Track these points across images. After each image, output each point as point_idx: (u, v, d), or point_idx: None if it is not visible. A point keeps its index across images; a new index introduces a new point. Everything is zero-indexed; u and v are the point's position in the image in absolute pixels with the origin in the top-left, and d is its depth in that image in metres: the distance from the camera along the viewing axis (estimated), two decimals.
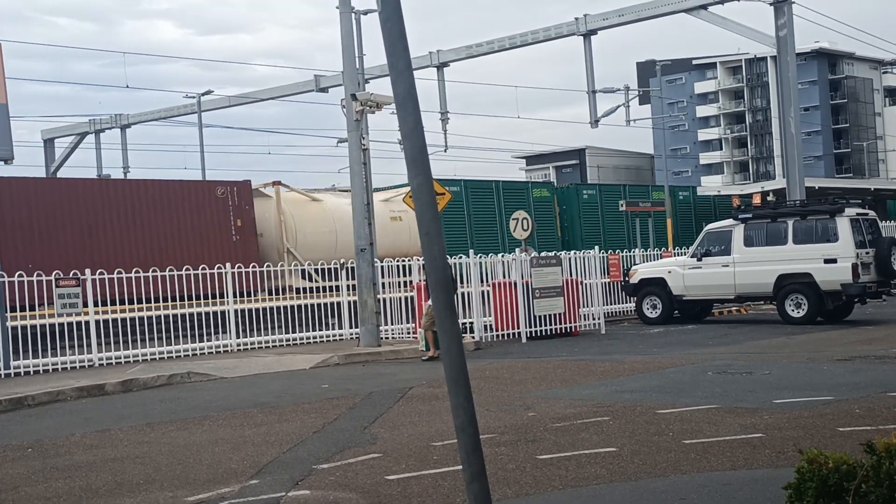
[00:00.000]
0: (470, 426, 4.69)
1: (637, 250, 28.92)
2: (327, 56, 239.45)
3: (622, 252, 27.53)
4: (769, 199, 37.61)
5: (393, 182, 34.08)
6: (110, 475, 8.87)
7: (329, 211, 31.77)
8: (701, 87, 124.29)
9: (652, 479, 7.68)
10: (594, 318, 23.91)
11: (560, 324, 22.43)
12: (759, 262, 22.93)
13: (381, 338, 20.66)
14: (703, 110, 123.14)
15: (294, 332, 21.82)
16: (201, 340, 20.55)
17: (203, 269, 20.64)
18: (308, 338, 21.84)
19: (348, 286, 22.51)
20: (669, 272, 24.53)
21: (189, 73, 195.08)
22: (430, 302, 18.29)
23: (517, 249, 23.62)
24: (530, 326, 21.87)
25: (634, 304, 25.61)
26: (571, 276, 23.28)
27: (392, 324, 22.29)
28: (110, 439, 11.00)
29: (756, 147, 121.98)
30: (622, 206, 41.69)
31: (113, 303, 19.39)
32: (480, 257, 22.37)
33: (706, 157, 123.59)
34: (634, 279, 25.21)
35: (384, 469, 8.45)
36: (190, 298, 20.64)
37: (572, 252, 24.06)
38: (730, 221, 24.04)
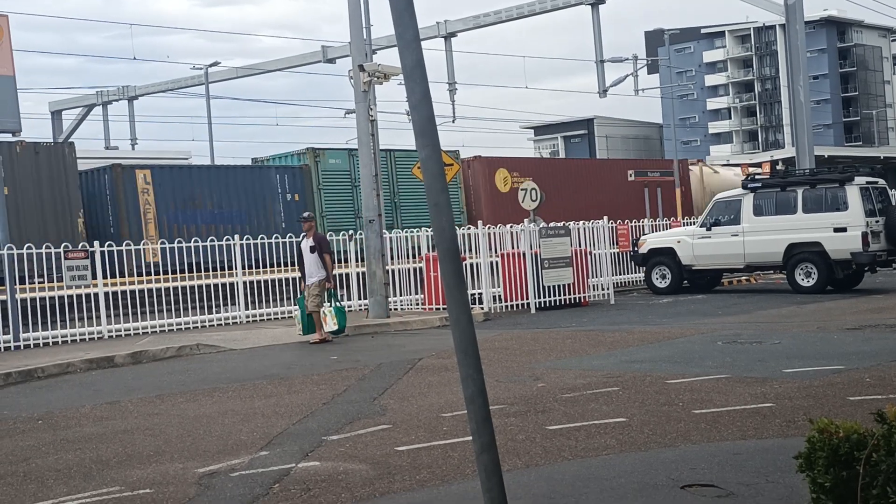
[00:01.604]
0: (479, 397, 4.68)
1: (646, 220, 28.86)
2: (334, 27, 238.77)
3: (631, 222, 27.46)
4: (778, 167, 37.46)
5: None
6: (120, 447, 8.90)
7: (723, 179, 43.64)
8: (709, 55, 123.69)
9: (662, 448, 7.68)
10: (603, 289, 23.88)
11: (569, 294, 22.42)
12: (769, 231, 22.87)
13: (391, 309, 20.68)
14: (711, 79, 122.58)
15: None
16: (210, 312, 20.59)
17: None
18: None
19: (356, 257, 22.51)
20: (679, 242, 24.48)
21: (195, 45, 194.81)
22: (313, 279, 17.26)
23: (525, 220, 23.57)
24: (539, 297, 21.86)
25: (643, 275, 25.59)
26: (580, 246, 23.24)
27: (401, 295, 22.30)
28: (120, 411, 11.04)
29: (765, 116, 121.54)
30: (631, 175, 41.57)
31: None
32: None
33: (715, 127, 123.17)
34: (643, 249, 25.17)
35: (394, 440, 8.46)
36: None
37: (581, 222, 24.01)
38: (739, 191, 23.95)
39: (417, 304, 22.20)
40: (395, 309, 21.56)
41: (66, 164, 25.60)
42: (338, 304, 17.27)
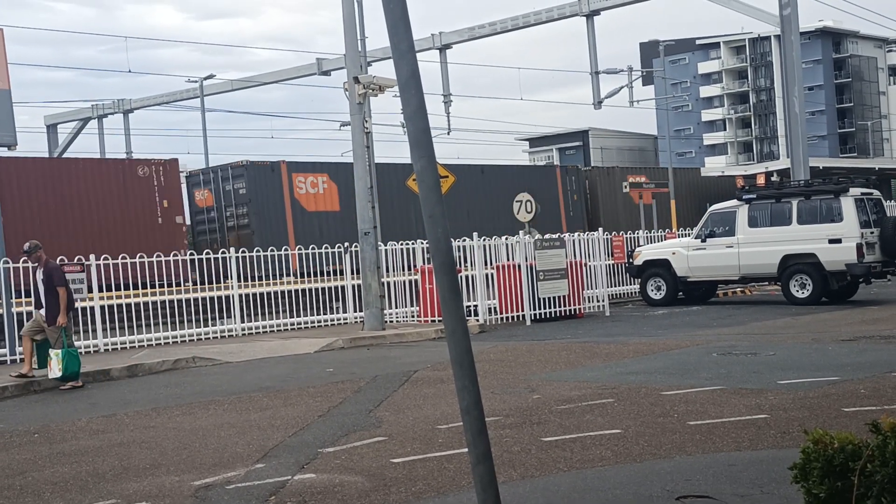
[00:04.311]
0: (475, 409, 4.69)
1: (641, 232, 28.88)
2: (329, 40, 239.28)
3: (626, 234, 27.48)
4: (773, 179, 37.52)
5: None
6: (117, 460, 8.90)
7: None
8: (704, 67, 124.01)
9: (657, 460, 7.69)
10: (598, 300, 23.89)
11: (564, 306, 22.42)
12: (764, 242, 22.90)
13: (386, 321, 20.68)
14: (706, 90, 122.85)
15: (298, 315, 21.84)
16: (206, 325, 20.57)
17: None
18: (313, 322, 21.86)
19: (352, 269, 22.52)
20: (674, 253, 24.51)
21: (190, 58, 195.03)
22: (43, 312, 14.77)
23: (521, 232, 23.60)
24: (534, 309, 21.86)
25: (639, 286, 25.60)
26: (575, 258, 23.26)
27: (397, 307, 22.29)
28: (116, 424, 11.03)
29: (760, 127, 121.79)
30: (626, 187, 41.65)
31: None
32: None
33: (710, 138, 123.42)
34: (638, 261, 25.19)
35: (389, 452, 8.46)
36: None
37: (576, 234, 24.02)
38: (734, 202, 23.99)
39: (413, 316, 22.21)
40: (391, 321, 21.56)
41: None
42: (70, 347, 14.61)
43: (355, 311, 22.30)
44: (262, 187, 34.08)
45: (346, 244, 22.82)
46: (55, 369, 14.40)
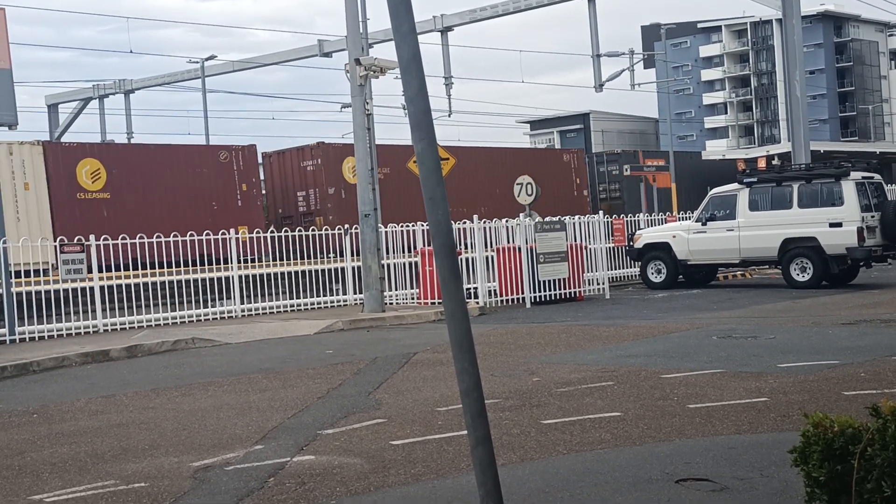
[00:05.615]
0: (475, 391, 4.68)
1: (642, 215, 28.85)
2: (329, 21, 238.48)
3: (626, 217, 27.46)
4: (774, 162, 37.46)
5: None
6: (115, 440, 8.90)
7: None
8: (706, 50, 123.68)
9: (657, 443, 7.68)
10: (598, 283, 23.89)
11: (564, 289, 22.42)
12: (764, 226, 22.87)
13: (386, 303, 20.67)
14: (707, 74, 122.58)
15: (298, 297, 21.84)
16: (206, 306, 20.58)
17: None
18: (312, 303, 21.86)
19: (352, 251, 22.52)
20: (674, 237, 24.48)
21: (191, 39, 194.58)
22: None
23: (521, 214, 23.58)
24: (534, 291, 21.86)
25: (639, 269, 25.60)
26: (576, 240, 23.24)
27: (397, 289, 22.29)
28: (115, 405, 11.03)
29: (761, 111, 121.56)
30: (627, 170, 41.66)
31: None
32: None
33: (711, 121, 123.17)
34: (639, 244, 25.18)
35: (389, 434, 8.46)
36: None
37: (576, 217, 23.99)
38: (735, 186, 23.95)
39: (413, 299, 22.21)
40: (391, 303, 21.56)
41: None
42: None
43: (355, 294, 22.30)
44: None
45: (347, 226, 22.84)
46: None
